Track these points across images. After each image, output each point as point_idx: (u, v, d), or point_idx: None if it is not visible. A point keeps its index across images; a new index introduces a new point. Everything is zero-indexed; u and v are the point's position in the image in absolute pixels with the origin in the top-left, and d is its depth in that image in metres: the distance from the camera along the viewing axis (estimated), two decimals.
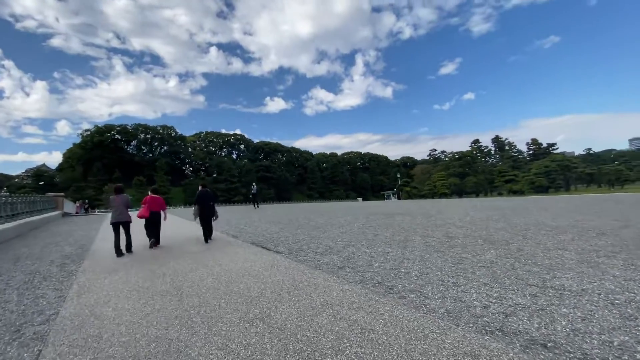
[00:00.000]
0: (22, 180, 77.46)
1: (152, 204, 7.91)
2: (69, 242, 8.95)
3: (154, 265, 5.68)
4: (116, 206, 6.99)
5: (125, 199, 7.21)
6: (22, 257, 6.81)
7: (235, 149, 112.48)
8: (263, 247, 7.06)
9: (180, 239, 9.01)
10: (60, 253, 7.16)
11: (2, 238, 9.38)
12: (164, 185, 76.61)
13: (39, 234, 11.18)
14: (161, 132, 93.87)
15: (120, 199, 7.08)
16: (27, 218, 12.78)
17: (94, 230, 12.00)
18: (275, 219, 13.73)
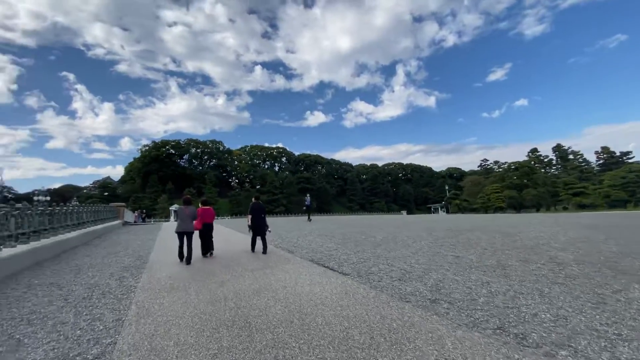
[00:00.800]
0: (90, 191, 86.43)
1: (205, 216, 8.00)
2: (128, 252, 8.96)
3: (213, 284, 5.14)
4: (183, 217, 7.29)
5: (192, 210, 7.48)
6: (84, 267, 6.75)
7: (278, 162, 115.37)
8: (325, 266, 6.27)
9: (233, 250, 8.65)
10: (120, 265, 7.02)
11: (68, 246, 9.73)
12: (212, 196, 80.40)
13: (100, 242, 11.57)
14: (210, 146, 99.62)
15: (188, 210, 7.37)
16: (91, 227, 13.45)
17: (150, 240, 12.18)
18: (326, 232, 12.96)
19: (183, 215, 7.31)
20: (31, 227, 7.79)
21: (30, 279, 5.76)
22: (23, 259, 6.65)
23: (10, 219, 6.73)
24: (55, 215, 9.64)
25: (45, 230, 8.72)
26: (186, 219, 7.28)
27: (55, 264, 7.19)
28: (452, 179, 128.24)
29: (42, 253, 7.65)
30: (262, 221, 8.28)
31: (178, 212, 7.43)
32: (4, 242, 6.60)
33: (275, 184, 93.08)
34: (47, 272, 6.36)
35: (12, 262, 6.13)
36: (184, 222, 7.26)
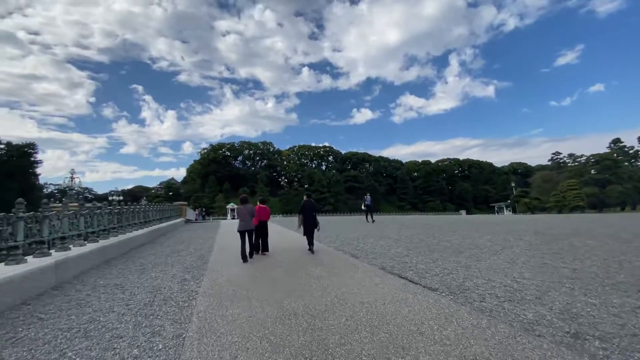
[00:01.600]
0: (157, 191, 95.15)
1: (261, 214, 8.15)
2: (190, 251, 8.88)
3: (278, 293, 4.47)
4: (243, 215, 7.37)
5: (250, 208, 7.52)
6: (148, 267, 6.63)
7: (324, 161, 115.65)
8: (403, 277, 5.27)
9: (290, 249, 8.17)
10: (182, 265, 6.80)
11: (136, 243, 10.02)
12: (264, 195, 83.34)
13: (165, 240, 11.89)
14: (261, 147, 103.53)
15: (246, 209, 7.43)
16: (157, 225, 14.05)
17: (211, 238, 12.24)
18: (387, 233, 11.86)
19: (242, 213, 7.40)
20: (100, 225, 8.03)
21: (97, 279, 5.70)
22: (92, 258, 6.75)
23: (80, 218, 6.90)
24: (124, 214, 10.01)
25: (114, 229, 9.02)
26: (246, 217, 7.36)
27: (122, 262, 7.24)
28: (517, 175, 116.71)
29: (110, 251, 7.82)
30: (313, 219, 8.17)
31: (237, 212, 7.57)
32: (73, 240, 6.77)
33: (323, 183, 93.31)
34: (114, 271, 6.33)
35: (80, 261, 6.20)
36: (244, 220, 7.36)
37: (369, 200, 19.56)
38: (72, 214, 6.55)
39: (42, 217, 5.46)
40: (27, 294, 4.50)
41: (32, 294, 4.63)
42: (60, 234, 6.03)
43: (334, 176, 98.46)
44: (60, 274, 5.41)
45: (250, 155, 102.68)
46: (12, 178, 56.46)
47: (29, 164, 60.77)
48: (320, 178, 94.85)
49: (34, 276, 4.69)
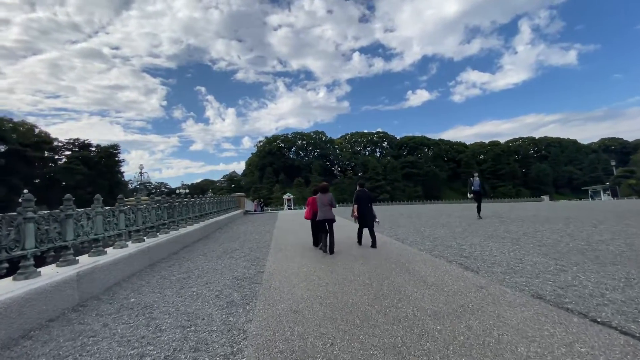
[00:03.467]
0: (220, 184, 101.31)
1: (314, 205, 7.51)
2: (244, 251, 7.52)
3: (375, 350, 2.56)
4: (322, 205, 7.01)
5: (330, 197, 7.14)
6: (192, 276, 5.29)
7: (379, 147, 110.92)
8: (577, 312, 2.97)
9: (360, 248, 6.04)
10: (232, 274, 5.33)
11: (189, 240, 9.08)
12: (318, 185, 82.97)
13: (220, 235, 10.92)
14: (314, 137, 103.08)
15: (326, 198, 7.07)
16: (214, 218, 13.32)
17: (268, 233, 10.94)
18: (487, 228, 9.24)
19: (321, 203, 7.05)
20: (147, 222, 7.04)
21: (130, 293, 4.46)
22: (132, 262, 5.66)
23: (119, 215, 5.85)
24: (175, 209, 9.11)
25: (163, 225, 8.08)
26: (325, 206, 7.00)
27: (167, 267, 6.09)
28: (610, 152, 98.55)
29: (157, 252, 6.78)
30: (369, 210, 7.48)
31: (318, 200, 7.17)
32: (113, 241, 5.74)
33: (378, 170, 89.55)
34: (153, 281, 5.10)
35: (115, 268, 5.08)
36: (323, 210, 6.99)
37: (478, 184, 12.56)
38: (108, 210, 5.50)
39: (63, 217, 4.35)
40: (37, 320, 3.32)
41: (43, 319, 3.46)
42: (92, 235, 4.96)
43: (390, 162, 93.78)
44: (85, 288, 4.26)
45: (303, 146, 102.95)
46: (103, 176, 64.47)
47: (115, 163, 68.73)
48: (375, 165, 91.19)
49: (44, 295, 3.51)
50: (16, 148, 38.48)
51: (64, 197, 4.51)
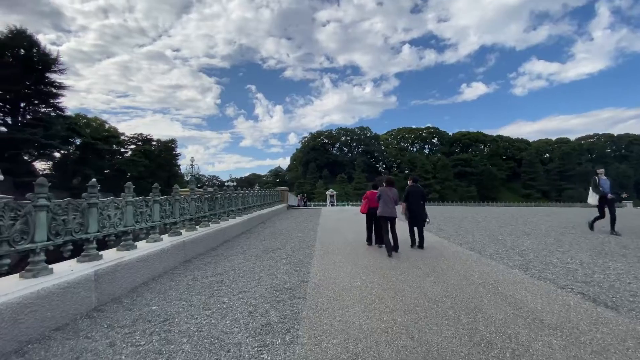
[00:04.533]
0: (267, 178, 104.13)
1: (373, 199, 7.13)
2: (286, 251, 6.68)
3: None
4: (387, 199, 6.54)
5: (395, 193, 6.71)
6: (226, 280, 4.52)
7: (428, 143, 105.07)
8: None
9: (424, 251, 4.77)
10: (271, 280, 4.47)
11: (230, 234, 8.55)
12: (361, 182, 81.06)
13: (263, 230, 10.30)
14: (358, 133, 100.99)
15: (392, 192, 6.64)
16: (257, 212, 12.85)
17: (312, 231, 10.06)
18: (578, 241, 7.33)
19: (386, 197, 6.56)
20: (185, 214, 6.52)
21: (154, 297, 3.80)
22: (167, 257, 5.09)
23: (154, 205, 5.31)
24: (217, 201, 8.61)
25: (204, 218, 7.58)
26: (390, 202, 6.50)
27: (202, 265, 5.45)
28: None
29: (194, 246, 6.22)
30: (421, 208, 7.01)
31: (383, 193, 6.64)
32: (146, 234, 5.21)
33: (427, 168, 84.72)
34: (184, 282, 4.42)
35: (146, 265, 4.51)
36: (388, 205, 6.47)
37: (609, 185, 8.69)
38: (140, 200, 4.97)
39: (85, 205, 3.80)
40: (39, 329, 2.74)
41: (48, 328, 2.87)
42: (120, 227, 4.42)
43: (440, 160, 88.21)
44: (105, 288, 3.67)
45: (347, 142, 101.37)
46: (162, 168, 69.79)
47: (172, 156, 73.96)
48: (424, 162, 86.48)
49: (51, 299, 2.92)
50: (89, 141, 42.90)
51: (88, 184, 3.98)
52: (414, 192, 7.00)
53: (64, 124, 38.68)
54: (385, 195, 6.55)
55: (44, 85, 36.65)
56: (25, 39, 34.54)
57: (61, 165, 40.77)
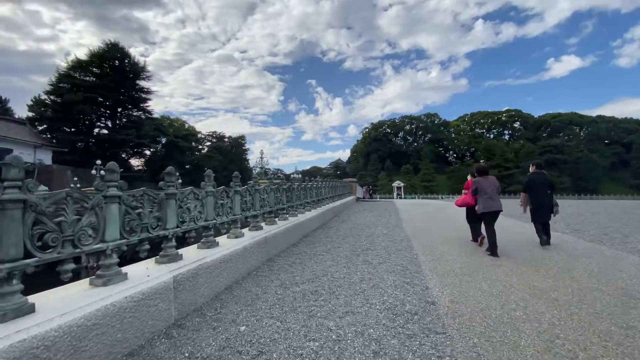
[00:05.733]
0: (327, 170, 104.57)
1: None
2: (379, 253, 5.56)
3: None
4: (488, 191, 5.51)
5: (495, 182, 5.70)
6: (322, 288, 3.56)
7: (508, 128, 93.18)
8: None
9: None
10: (381, 299, 3.40)
11: (308, 229, 7.76)
12: (428, 173, 75.80)
13: (339, 225, 9.37)
14: (424, 120, 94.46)
15: (490, 182, 5.64)
16: (329, 204, 12.02)
17: (397, 227, 8.76)
18: None
19: (487, 189, 5.57)
20: (265, 206, 5.83)
21: (240, 310, 3.01)
22: (249, 256, 4.40)
23: (235, 197, 4.64)
24: (294, 192, 7.89)
25: (282, 210, 6.88)
26: (492, 193, 5.57)
27: (287, 266, 4.64)
28: None
29: (276, 243, 5.49)
30: (550, 199, 5.97)
31: (480, 185, 5.66)
32: (226, 228, 4.57)
33: (507, 156, 75.25)
34: (270, 292, 3.60)
35: (229, 266, 3.84)
36: (492, 198, 5.52)
37: None
38: (222, 191, 4.30)
39: (163, 197, 3.17)
40: (107, 356, 2.10)
41: (119, 354, 2.23)
42: (201, 222, 3.78)
43: (524, 147, 77.57)
44: (186, 297, 3.01)
45: (412, 130, 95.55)
46: (233, 163, 75.06)
47: (242, 152, 78.89)
48: (503, 150, 77.03)
49: (122, 316, 2.27)
50: (172, 140, 47.75)
51: (165, 171, 3.37)
52: (540, 180, 6.13)
53: (152, 125, 43.49)
54: (484, 187, 5.59)
55: (135, 91, 41.52)
56: (118, 51, 39.43)
57: (151, 162, 46.15)
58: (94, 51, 37.88)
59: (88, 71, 37.57)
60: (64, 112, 34.33)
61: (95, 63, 37.76)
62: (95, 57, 37.72)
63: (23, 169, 1.96)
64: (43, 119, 35.35)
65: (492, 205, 5.44)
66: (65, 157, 33.13)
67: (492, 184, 5.62)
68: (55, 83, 35.57)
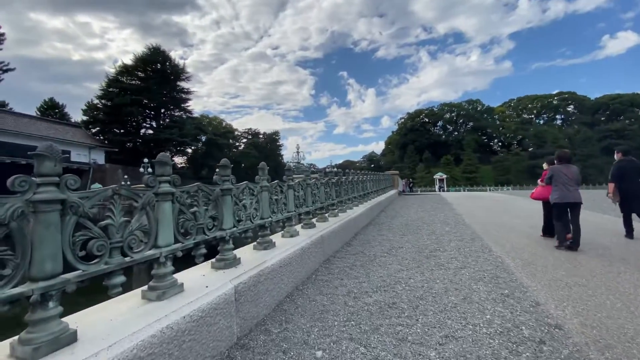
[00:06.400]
0: (360, 164, 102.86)
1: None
2: (453, 255, 4.80)
3: None
4: (566, 180, 5.05)
5: (575, 171, 5.14)
6: (399, 301, 2.94)
7: (560, 113, 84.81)
8: None
9: None
10: (482, 317, 2.71)
11: (357, 226, 7.18)
12: (471, 163, 71.41)
13: (390, 222, 8.67)
14: (466, 107, 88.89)
15: (569, 170, 5.10)
16: (375, 198, 11.35)
17: (460, 224, 7.86)
18: None
19: (564, 177, 5.06)
20: (316, 202, 5.31)
21: (309, 326, 2.49)
22: (307, 258, 3.91)
23: (288, 192, 4.14)
24: (342, 186, 7.31)
25: (332, 206, 6.33)
26: (571, 183, 5.04)
27: (348, 269, 4.07)
28: None
29: (330, 242, 4.97)
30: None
31: (556, 173, 5.17)
32: (281, 227, 4.11)
33: (560, 143, 68.45)
34: (339, 302, 3.05)
35: (289, 270, 3.38)
36: (569, 188, 5.02)
37: None
38: (275, 185, 3.83)
39: (218, 193, 2.73)
40: None
41: None
42: (257, 220, 3.32)
43: (580, 132, 70.23)
44: (247, 310, 2.57)
45: (452, 119, 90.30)
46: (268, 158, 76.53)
47: (276, 147, 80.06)
48: (556, 137, 70.32)
49: (180, 342, 1.84)
50: (211, 137, 49.47)
51: (220, 163, 2.93)
52: (630, 167, 5.78)
53: (193, 124, 45.28)
54: (560, 175, 5.14)
55: (177, 92, 43.37)
56: (160, 55, 41.30)
57: (192, 159, 48.20)
58: (139, 56, 40.08)
59: (134, 75, 39.85)
60: (114, 115, 36.78)
61: (140, 67, 39.93)
62: (140, 62, 39.88)
63: (60, 161, 1.55)
64: (96, 122, 38.16)
65: (569, 195, 4.98)
66: (116, 156, 35.55)
67: (571, 173, 5.10)
68: (105, 88, 38.17)
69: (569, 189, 5.05)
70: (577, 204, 5.04)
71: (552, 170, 5.31)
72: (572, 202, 5.02)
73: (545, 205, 5.93)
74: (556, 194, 5.13)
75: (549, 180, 5.30)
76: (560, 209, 5.12)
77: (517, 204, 12.74)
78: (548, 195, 5.44)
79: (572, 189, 5.05)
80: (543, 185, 5.77)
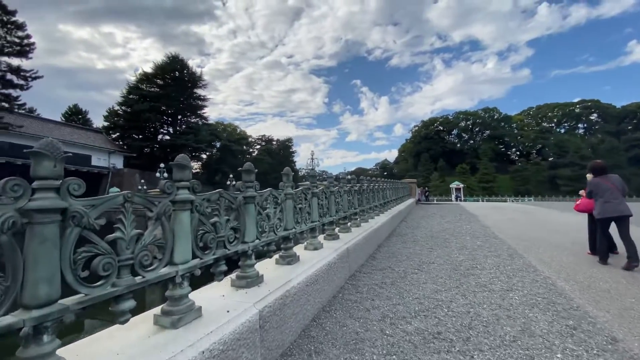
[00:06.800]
0: (373, 172, 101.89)
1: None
2: (494, 275, 4.36)
3: None
4: (610, 192, 4.64)
5: (618, 180, 4.82)
6: (445, 332, 2.53)
7: (583, 121, 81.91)
8: None
9: None
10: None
11: (380, 237, 6.76)
12: (488, 173, 69.53)
13: (413, 232, 8.20)
14: (482, 115, 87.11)
15: (612, 181, 4.75)
16: (394, 206, 10.89)
17: (491, 237, 7.34)
18: None
19: (605, 189, 4.69)
20: (339, 211, 4.96)
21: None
22: (333, 275, 3.55)
23: (312, 200, 3.81)
24: (364, 194, 6.94)
25: (354, 215, 5.96)
26: (615, 194, 4.64)
27: (377, 288, 3.67)
28: None
29: (355, 255, 4.58)
30: None
31: (595, 187, 4.82)
32: (304, 238, 3.77)
33: (583, 153, 65.91)
34: (374, 332, 2.66)
35: (315, 289, 3.04)
36: (616, 199, 4.61)
37: None
38: (300, 193, 3.50)
39: (241, 201, 2.43)
40: None
41: None
42: (280, 231, 3.00)
43: (604, 142, 67.47)
44: (273, 338, 2.22)
45: (468, 127, 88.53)
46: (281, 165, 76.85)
47: (289, 154, 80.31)
48: (578, 146, 67.75)
49: None
50: (225, 144, 50.03)
51: (243, 168, 2.62)
52: None
53: (208, 131, 45.90)
54: (602, 188, 4.77)
55: (193, 99, 44.18)
56: (178, 63, 42.27)
57: (207, 165, 48.76)
58: (158, 64, 41.15)
59: (153, 83, 40.89)
60: (133, 121, 37.69)
61: (159, 75, 40.96)
62: (159, 70, 40.94)
63: (61, 161, 1.26)
64: (116, 128, 39.19)
65: (614, 209, 4.57)
66: (134, 161, 36.29)
67: (613, 184, 4.75)
68: (126, 95, 39.28)
69: (613, 201, 4.65)
70: (624, 217, 4.61)
71: (590, 185, 4.99)
72: (618, 215, 4.58)
73: (591, 219, 5.44)
74: (599, 208, 4.78)
75: (590, 194, 4.98)
76: (604, 224, 4.78)
77: (550, 217, 11.97)
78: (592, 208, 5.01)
79: (616, 202, 4.65)
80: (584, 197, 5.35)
